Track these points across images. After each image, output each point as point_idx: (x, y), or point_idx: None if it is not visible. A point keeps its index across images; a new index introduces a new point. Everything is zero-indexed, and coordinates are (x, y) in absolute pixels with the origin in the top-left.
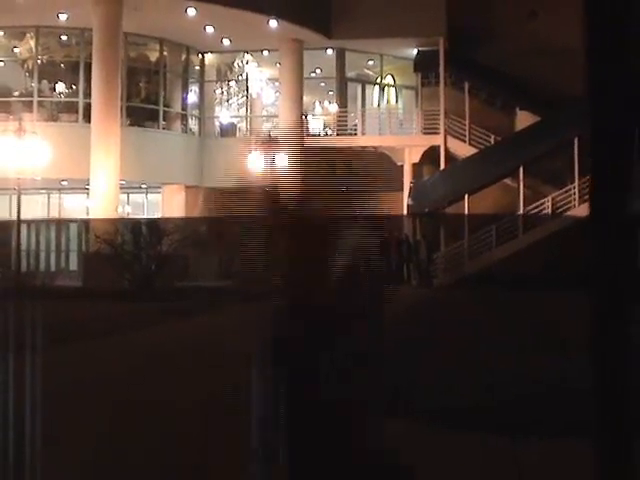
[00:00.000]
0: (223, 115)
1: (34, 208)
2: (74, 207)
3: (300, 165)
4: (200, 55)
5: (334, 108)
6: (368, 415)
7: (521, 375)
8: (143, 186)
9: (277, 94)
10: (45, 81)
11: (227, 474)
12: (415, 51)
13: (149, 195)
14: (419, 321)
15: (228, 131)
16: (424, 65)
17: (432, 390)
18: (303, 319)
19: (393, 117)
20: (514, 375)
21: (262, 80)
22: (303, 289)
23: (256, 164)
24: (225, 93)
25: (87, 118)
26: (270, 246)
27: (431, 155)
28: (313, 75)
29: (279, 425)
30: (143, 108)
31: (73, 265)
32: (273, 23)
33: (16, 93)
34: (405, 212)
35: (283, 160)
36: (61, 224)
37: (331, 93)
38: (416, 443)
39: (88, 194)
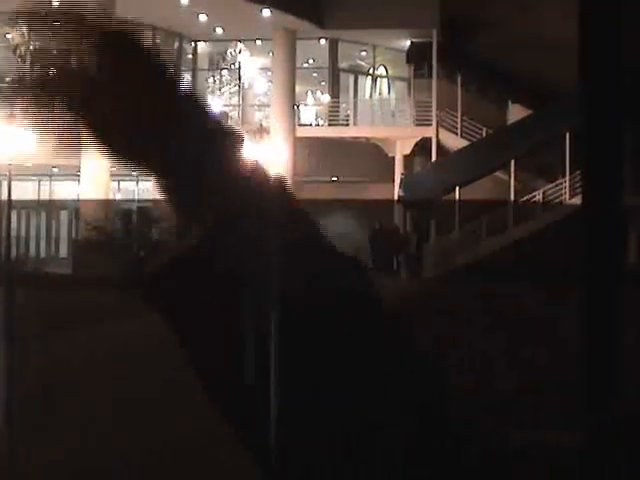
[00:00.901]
0: (215, 104)
1: (24, 194)
2: (65, 194)
3: None
4: (192, 43)
5: (326, 98)
6: None
7: (511, 369)
8: (134, 174)
9: (269, 83)
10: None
11: None
12: (408, 42)
13: (140, 183)
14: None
15: None
16: (417, 56)
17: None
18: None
19: (385, 108)
20: (504, 368)
21: (254, 69)
22: None
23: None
24: (217, 82)
25: None
26: None
27: (423, 147)
28: (305, 65)
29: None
30: None
31: (63, 252)
32: (266, 12)
33: (8, 79)
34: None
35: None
36: (51, 209)
37: (323, 83)
38: None
39: (79, 181)
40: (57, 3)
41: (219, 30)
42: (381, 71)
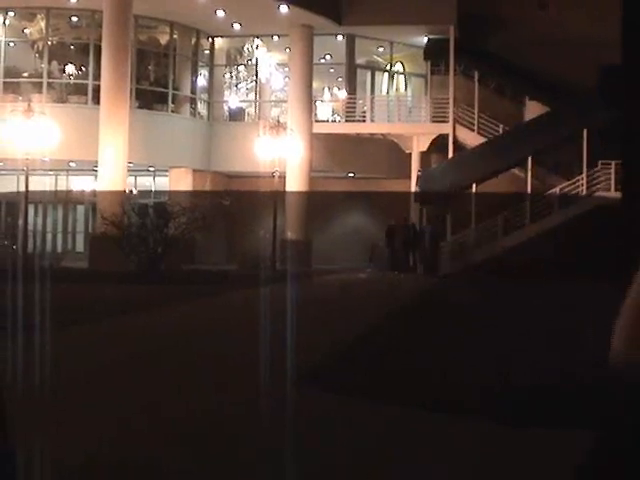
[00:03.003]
0: (232, 99)
1: (42, 189)
2: (82, 189)
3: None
4: (210, 39)
5: (343, 94)
6: None
7: (521, 367)
8: (151, 169)
9: (286, 79)
10: (55, 62)
11: None
12: (425, 39)
13: (156, 178)
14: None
15: (236, 116)
16: (434, 53)
17: (432, 377)
18: None
19: (402, 105)
20: (514, 366)
21: (271, 65)
22: None
23: (264, 149)
24: (234, 77)
25: (96, 100)
26: None
27: (439, 143)
28: (322, 61)
29: None
30: (152, 91)
31: (80, 246)
32: (284, 8)
33: (26, 74)
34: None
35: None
36: (68, 203)
37: (340, 79)
38: (417, 430)
39: (96, 176)
40: (75, 0)
41: (236, 26)
42: (398, 67)
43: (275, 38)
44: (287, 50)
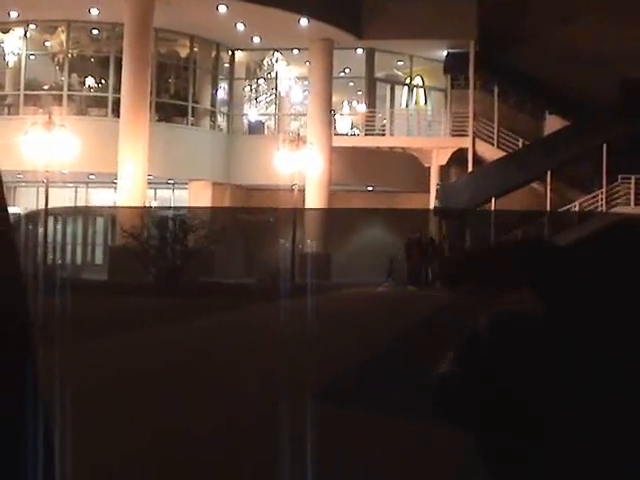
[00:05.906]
0: (251, 113)
1: (61, 202)
2: (101, 201)
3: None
4: (230, 52)
5: (362, 108)
6: None
7: None
8: (170, 182)
9: (306, 93)
10: (75, 75)
11: None
12: (445, 53)
13: (176, 191)
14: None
15: (256, 129)
16: (454, 67)
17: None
18: None
19: (422, 118)
20: None
21: (291, 79)
22: None
23: (283, 162)
24: (254, 91)
25: (116, 113)
26: None
27: (459, 157)
28: (342, 75)
29: None
30: (172, 104)
31: (99, 259)
32: (304, 22)
33: (46, 87)
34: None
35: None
36: (88, 215)
37: (360, 93)
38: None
39: (115, 189)
40: (96, 13)
41: (256, 39)
42: (418, 81)
43: (295, 51)
44: (307, 63)
